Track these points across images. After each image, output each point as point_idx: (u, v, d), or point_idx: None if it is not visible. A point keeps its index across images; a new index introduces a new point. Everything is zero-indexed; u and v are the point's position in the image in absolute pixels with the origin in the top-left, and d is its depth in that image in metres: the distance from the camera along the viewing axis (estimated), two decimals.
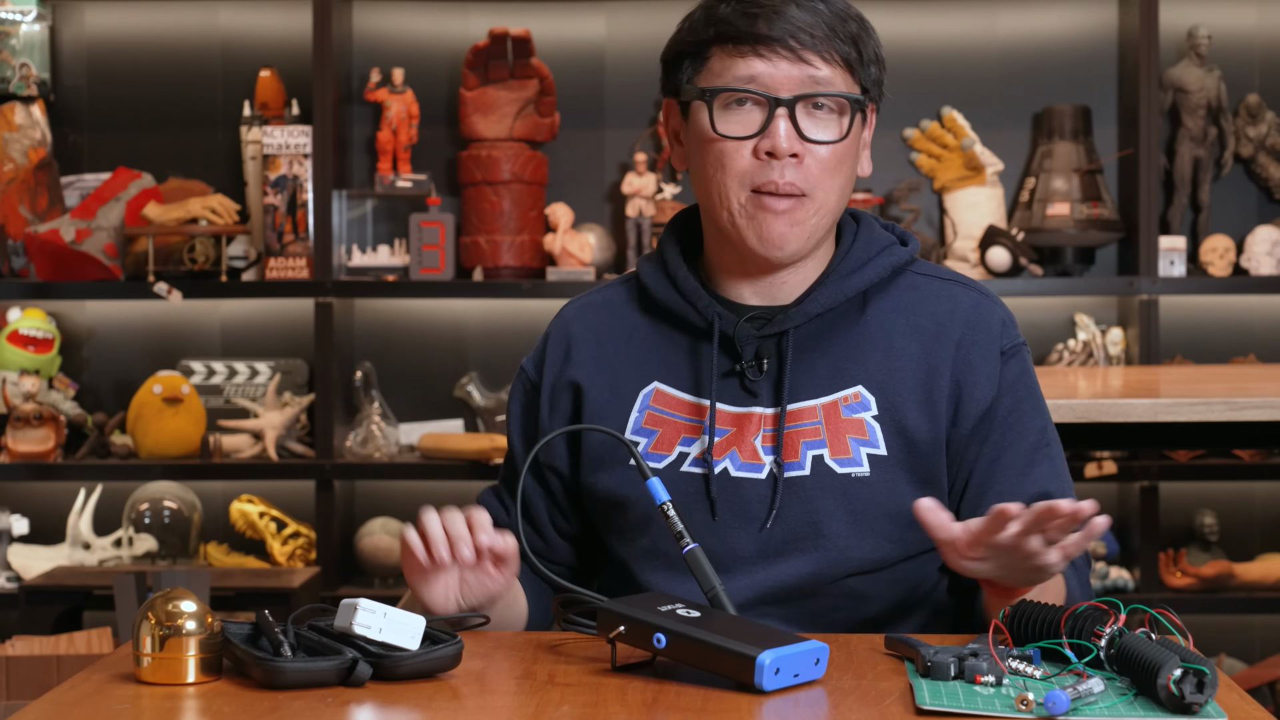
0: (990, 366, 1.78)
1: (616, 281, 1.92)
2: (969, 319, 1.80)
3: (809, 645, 1.46)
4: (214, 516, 4.38)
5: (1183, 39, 4.32)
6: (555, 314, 1.94)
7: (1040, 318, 4.38)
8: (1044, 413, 1.82)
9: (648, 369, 1.83)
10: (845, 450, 1.76)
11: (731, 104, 1.75)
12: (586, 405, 1.84)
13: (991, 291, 1.85)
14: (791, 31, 1.73)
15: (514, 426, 1.92)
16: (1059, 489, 1.78)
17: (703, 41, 1.77)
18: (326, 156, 4.18)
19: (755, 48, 1.74)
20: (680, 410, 1.80)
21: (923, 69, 4.40)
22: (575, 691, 1.46)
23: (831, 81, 1.75)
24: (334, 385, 4.24)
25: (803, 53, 1.73)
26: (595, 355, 1.86)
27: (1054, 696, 1.35)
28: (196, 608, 1.48)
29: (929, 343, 1.79)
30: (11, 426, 4.16)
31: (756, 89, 1.74)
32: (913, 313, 1.81)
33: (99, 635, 3.65)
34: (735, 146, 1.75)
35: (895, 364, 1.78)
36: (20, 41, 4.33)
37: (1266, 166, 4.35)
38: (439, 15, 4.43)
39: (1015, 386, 1.79)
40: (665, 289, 1.83)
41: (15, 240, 4.26)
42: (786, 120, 1.73)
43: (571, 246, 4.21)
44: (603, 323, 1.88)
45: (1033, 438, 1.79)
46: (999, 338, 1.80)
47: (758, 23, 1.73)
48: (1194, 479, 4.31)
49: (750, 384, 1.78)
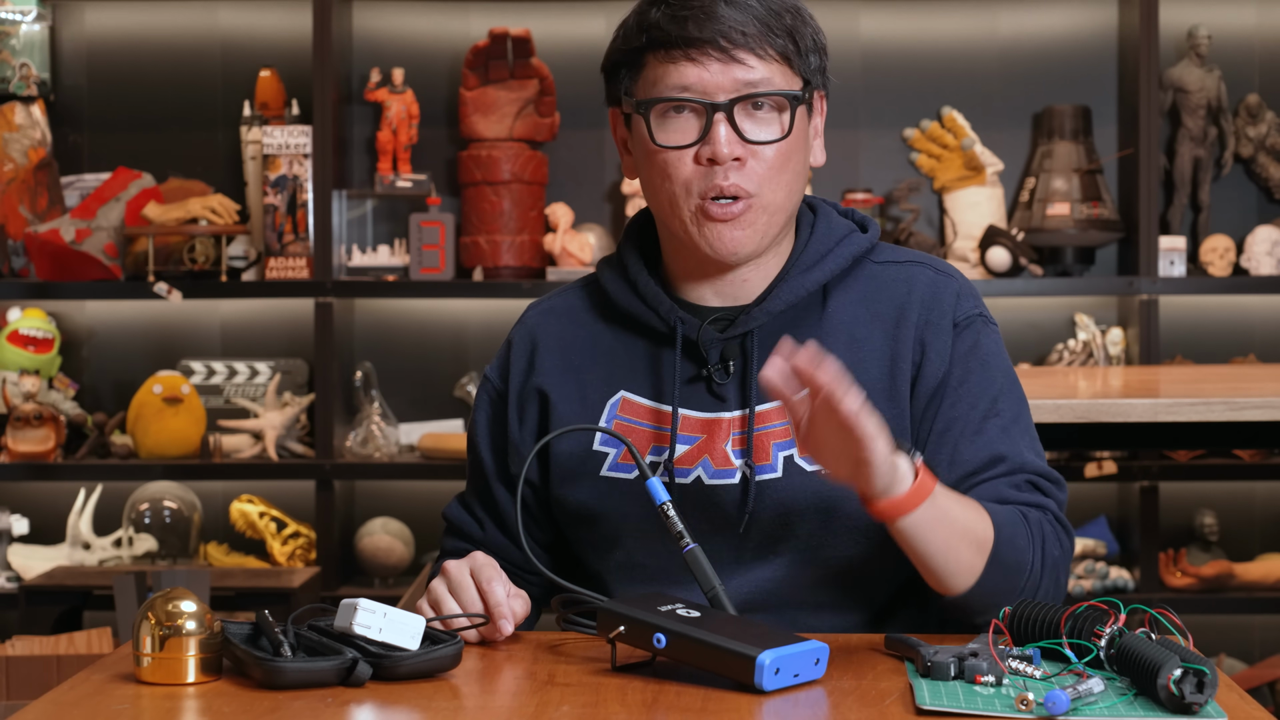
0: (943, 341, 1.76)
1: (576, 285, 1.90)
2: (925, 299, 1.78)
3: (809, 645, 1.46)
4: (214, 516, 4.38)
5: (1183, 39, 4.32)
6: (517, 319, 1.91)
7: (1040, 318, 4.38)
8: (997, 382, 1.77)
9: (614, 378, 1.81)
10: None
11: (669, 112, 1.73)
12: (554, 415, 1.82)
13: (950, 266, 1.83)
14: (722, 31, 1.70)
15: (480, 437, 1.88)
16: (1011, 450, 1.73)
17: (636, 50, 1.75)
18: (326, 156, 4.18)
19: (687, 52, 1.70)
20: (648, 419, 1.78)
21: (923, 69, 4.40)
22: (575, 691, 1.46)
23: (768, 79, 1.72)
24: (334, 385, 4.24)
25: (735, 52, 1.70)
26: (560, 364, 1.83)
27: (1054, 696, 1.35)
28: (196, 608, 1.48)
29: (890, 329, 1.77)
30: (11, 426, 4.16)
31: (691, 96, 1.71)
32: (873, 300, 1.78)
33: (99, 635, 3.65)
34: (677, 155, 1.73)
35: (859, 356, 1.76)
36: (20, 41, 4.33)
37: (1266, 166, 4.35)
38: (439, 15, 4.43)
39: (966, 358, 1.76)
40: (626, 295, 1.81)
41: (15, 240, 4.26)
42: (725, 124, 1.71)
43: (571, 246, 4.21)
44: (566, 330, 1.85)
45: (983, 405, 1.75)
46: (952, 311, 1.78)
47: (687, 25, 1.70)
48: (1194, 479, 4.31)
49: (718, 388, 1.77)
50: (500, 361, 1.88)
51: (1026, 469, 1.74)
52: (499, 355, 1.89)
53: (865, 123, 4.40)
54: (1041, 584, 1.68)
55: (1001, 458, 1.73)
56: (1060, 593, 1.72)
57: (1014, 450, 1.74)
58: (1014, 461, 1.74)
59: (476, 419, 1.89)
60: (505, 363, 1.88)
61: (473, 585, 1.64)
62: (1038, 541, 1.69)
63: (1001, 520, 1.67)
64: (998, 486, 1.72)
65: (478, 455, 1.89)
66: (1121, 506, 4.34)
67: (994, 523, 1.66)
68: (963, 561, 1.63)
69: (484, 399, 1.89)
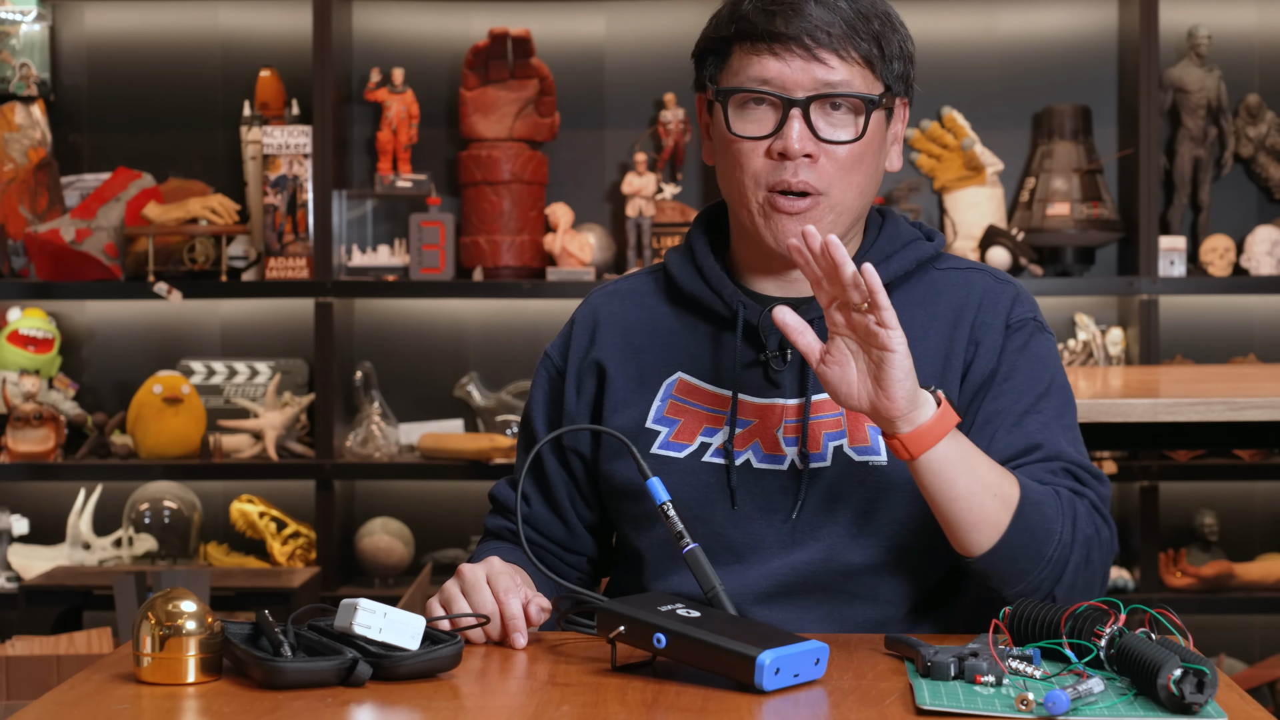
0: (994, 340, 1.79)
1: (644, 271, 1.93)
2: (981, 302, 1.81)
3: (809, 645, 1.46)
4: (214, 516, 4.38)
5: (1183, 39, 4.32)
6: (581, 301, 1.95)
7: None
8: (1043, 381, 1.78)
9: (672, 358, 1.83)
10: (864, 439, 1.76)
11: (748, 103, 1.76)
12: (609, 391, 1.85)
13: (1009, 276, 1.85)
14: (808, 30, 1.72)
15: (536, 411, 1.91)
16: (1048, 440, 1.74)
17: (724, 39, 1.78)
18: (326, 156, 4.18)
19: (771, 46, 1.73)
20: (703, 400, 1.81)
21: (923, 69, 4.33)
22: (575, 691, 1.46)
23: (848, 81, 1.74)
24: (334, 385, 4.24)
25: (818, 51, 1.73)
26: (620, 343, 1.86)
27: (1054, 696, 1.35)
28: (196, 608, 1.48)
29: (947, 330, 1.79)
30: (11, 426, 4.16)
31: (770, 89, 1.74)
32: (932, 303, 1.81)
33: (99, 635, 3.65)
34: (751, 146, 1.76)
35: (915, 352, 1.74)
36: (20, 41, 4.33)
37: (1266, 166, 4.35)
38: (439, 15, 4.43)
39: (1014, 356, 1.78)
40: (692, 278, 1.84)
41: (15, 240, 4.26)
42: (800, 121, 1.73)
43: (571, 246, 4.21)
44: (629, 310, 1.88)
45: (1026, 401, 1.76)
46: (1006, 313, 1.80)
47: (775, 20, 1.73)
48: (1194, 479, 4.31)
49: (774, 374, 1.79)
50: (562, 339, 1.91)
51: (1064, 458, 1.74)
52: (561, 333, 1.92)
53: None
54: (1072, 556, 1.67)
55: (1037, 445, 1.74)
56: (1094, 576, 1.70)
57: (1051, 440, 1.75)
58: (1050, 449, 1.74)
59: (534, 395, 1.92)
60: (567, 340, 1.91)
61: (487, 589, 1.65)
62: (1068, 514, 1.68)
63: (1030, 487, 1.67)
64: (1033, 470, 1.73)
65: (531, 430, 1.92)
66: (1121, 506, 4.34)
67: (1020, 484, 1.66)
68: (986, 512, 1.63)
69: (543, 375, 1.92)
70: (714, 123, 1.82)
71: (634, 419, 1.82)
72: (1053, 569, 1.66)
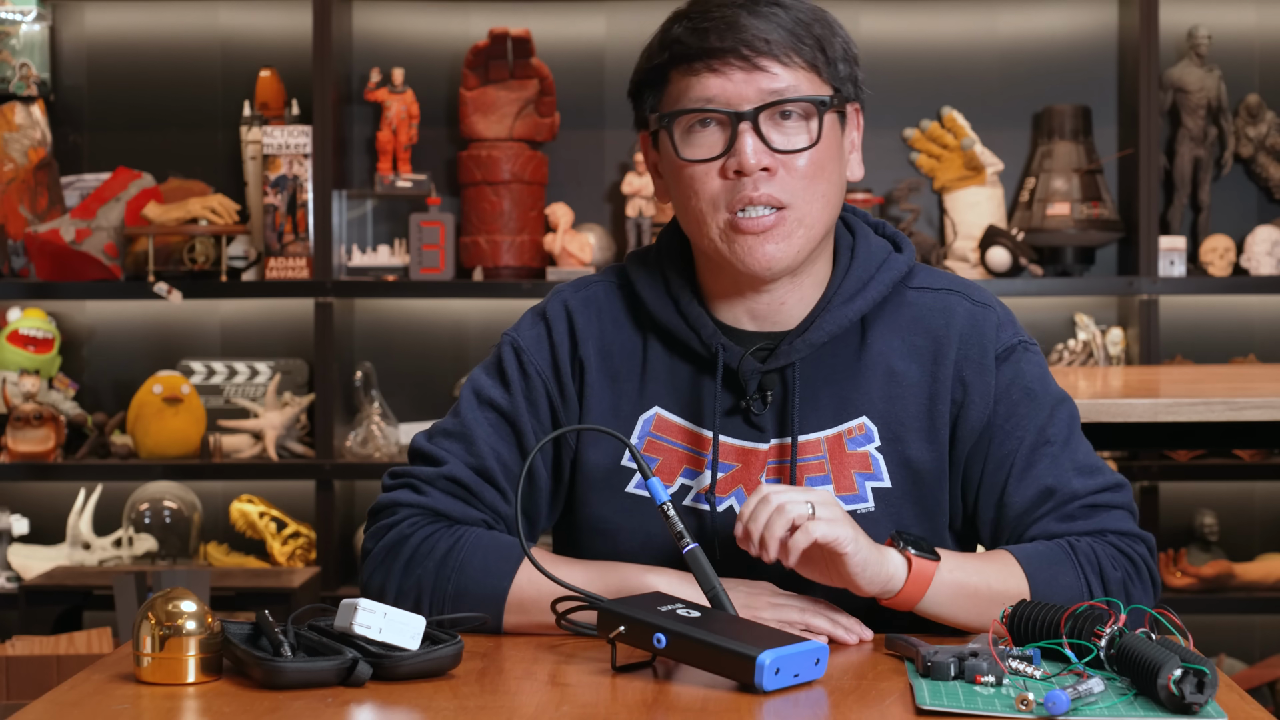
0: (985, 380, 1.73)
1: (607, 283, 1.82)
2: (964, 333, 1.74)
3: (809, 645, 1.46)
4: (214, 516, 4.38)
5: (1183, 39, 4.32)
6: (549, 298, 1.82)
7: (1040, 318, 4.38)
8: (1044, 407, 1.74)
9: (649, 390, 1.76)
10: (850, 486, 1.72)
11: (694, 126, 1.69)
12: (587, 406, 1.77)
13: (986, 293, 1.79)
14: (745, 40, 1.66)
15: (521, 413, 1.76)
16: (1058, 481, 1.72)
17: (659, 67, 1.72)
18: (326, 156, 4.18)
19: (709, 63, 1.67)
20: (681, 439, 1.75)
21: (923, 69, 4.40)
22: (575, 691, 1.46)
23: (795, 86, 1.68)
24: (334, 385, 4.24)
25: (758, 60, 1.67)
26: (598, 363, 1.78)
27: (1054, 696, 1.35)
28: (196, 608, 1.48)
29: (929, 365, 1.74)
30: (11, 426, 4.16)
31: (715, 106, 1.67)
32: (910, 331, 1.75)
33: (99, 635, 3.65)
34: (704, 169, 1.68)
35: (897, 390, 1.73)
36: (20, 41, 4.33)
37: (1266, 166, 4.35)
38: (439, 15, 4.43)
39: (1009, 390, 1.73)
40: (668, 311, 1.76)
41: (15, 240, 4.26)
42: (751, 134, 1.67)
43: (571, 246, 4.21)
44: (606, 329, 1.78)
45: (1031, 437, 1.72)
46: (993, 344, 1.74)
47: (709, 37, 1.67)
48: (1194, 479, 4.31)
49: (754, 418, 1.73)
50: (536, 337, 1.79)
51: (1077, 495, 1.72)
52: (530, 331, 1.80)
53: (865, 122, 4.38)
54: None
55: (1050, 492, 1.72)
56: (1147, 598, 1.70)
57: (1062, 481, 1.72)
58: (1063, 494, 1.72)
59: (506, 382, 1.78)
60: (547, 342, 1.79)
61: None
62: (1090, 570, 1.68)
63: (1037, 565, 1.66)
64: (1048, 524, 1.72)
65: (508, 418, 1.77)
66: None
67: (1026, 570, 1.66)
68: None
69: (513, 367, 1.78)
70: (662, 156, 1.75)
71: (609, 455, 1.76)
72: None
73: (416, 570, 1.70)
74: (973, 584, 1.64)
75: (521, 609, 1.67)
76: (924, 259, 4.18)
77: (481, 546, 1.70)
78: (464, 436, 1.77)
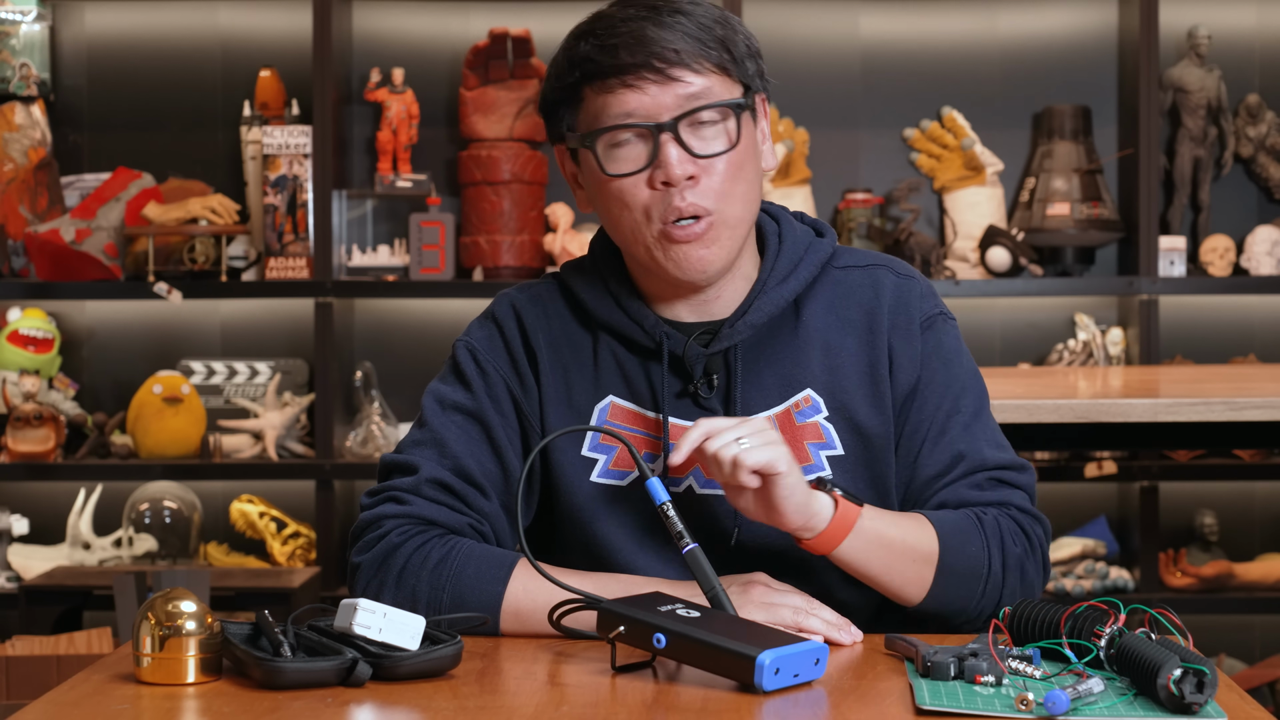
0: (913, 346, 1.79)
1: (548, 286, 1.85)
2: (892, 304, 1.80)
3: (809, 645, 1.46)
4: (214, 516, 4.38)
5: (1183, 39, 4.32)
6: (494, 300, 1.85)
7: (1040, 318, 4.38)
8: (959, 379, 1.80)
9: (601, 380, 1.79)
10: (806, 457, 1.76)
11: (616, 142, 1.72)
12: (545, 406, 1.79)
13: (909, 266, 1.85)
14: (655, 53, 1.69)
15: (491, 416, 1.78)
16: (970, 448, 1.77)
17: (571, 85, 1.74)
18: (326, 156, 4.18)
19: (623, 79, 1.70)
20: (637, 424, 1.78)
21: (923, 69, 4.40)
22: (575, 691, 1.46)
23: (709, 90, 1.71)
24: (334, 385, 4.24)
25: (671, 71, 1.69)
26: (549, 356, 1.80)
27: (1054, 696, 1.35)
28: (196, 608, 1.48)
29: (863, 335, 1.79)
30: (11, 426, 4.16)
31: (635, 120, 1.70)
32: (841, 307, 1.81)
33: (99, 635, 3.65)
34: (631, 183, 1.72)
35: (836, 361, 1.79)
36: (20, 41, 4.33)
37: (1266, 166, 4.35)
38: (439, 15, 4.43)
39: (931, 358, 1.80)
40: (608, 308, 1.80)
41: (15, 240, 4.27)
42: (673, 144, 1.70)
43: (571, 246, 4.21)
44: (552, 324, 1.82)
45: (946, 405, 1.79)
46: (918, 313, 1.81)
47: (619, 53, 1.69)
48: (1194, 479, 4.31)
49: (704, 402, 1.77)
50: (488, 337, 1.82)
51: (987, 465, 1.78)
52: (485, 334, 1.82)
53: (865, 123, 4.40)
54: (1005, 583, 1.73)
55: (961, 457, 1.77)
56: (1030, 589, 1.75)
57: (974, 448, 1.78)
58: (973, 460, 1.78)
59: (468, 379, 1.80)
60: (500, 339, 1.81)
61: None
62: (994, 543, 1.73)
63: (949, 529, 1.72)
64: (958, 490, 1.77)
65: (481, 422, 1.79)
66: (1121, 506, 4.34)
67: (939, 533, 1.71)
68: (908, 576, 1.69)
69: (470, 363, 1.81)
70: (583, 170, 1.77)
71: (572, 446, 1.78)
72: (988, 599, 1.72)
73: (410, 581, 1.70)
74: (890, 536, 1.68)
75: (518, 617, 1.68)
76: (924, 259, 4.19)
77: (475, 556, 1.70)
78: (435, 442, 1.79)
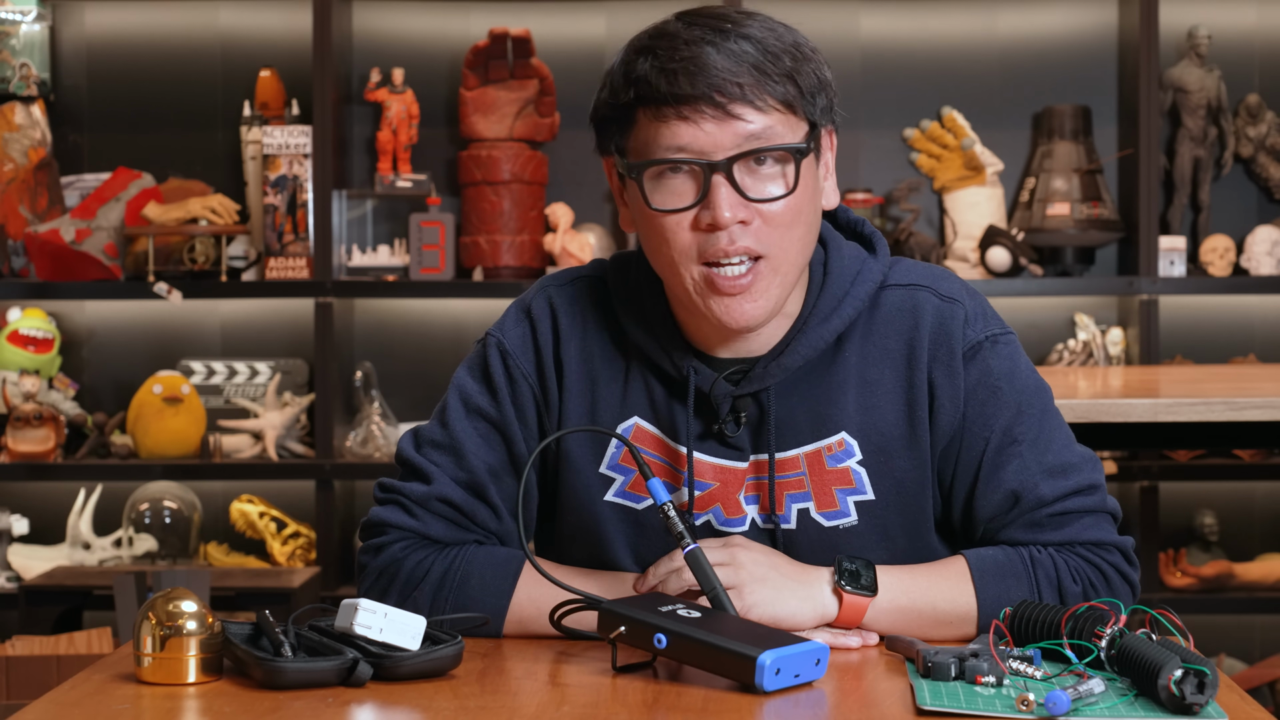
0: (955, 383, 1.69)
1: (594, 283, 1.76)
2: (934, 332, 1.69)
3: (810, 646, 1.46)
4: (214, 516, 4.38)
5: (1183, 39, 4.32)
6: (534, 291, 1.76)
7: (1040, 318, 4.38)
8: (1011, 405, 1.69)
9: (629, 399, 1.72)
10: (831, 503, 1.69)
11: (664, 174, 1.61)
12: (565, 410, 1.73)
13: (956, 285, 1.73)
14: (716, 85, 1.57)
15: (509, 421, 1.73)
16: (1026, 484, 1.67)
17: (625, 105, 1.63)
18: (326, 156, 4.18)
19: (679, 110, 1.58)
20: (659, 451, 1.71)
21: (923, 69, 4.40)
22: (575, 691, 1.46)
23: (770, 130, 1.59)
24: (334, 385, 4.24)
25: (731, 107, 1.58)
26: (578, 367, 1.74)
27: (1055, 697, 1.35)
28: (196, 608, 1.48)
29: (902, 368, 1.69)
30: (11, 426, 4.16)
31: (686, 156, 1.59)
32: (881, 334, 1.70)
33: (99, 635, 3.65)
34: (676, 220, 1.61)
35: (874, 400, 1.69)
36: (20, 41, 4.33)
37: (1266, 166, 4.35)
38: (439, 15, 4.43)
39: (976, 390, 1.69)
40: (640, 333, 1.71)
41: (15, 240, 4.26)
42: (725, 185, 1.59)
43: (571, 246, 4.21)
44: (589, 330, 1.74)
45: (997, 439, 1.69)
46: (960, 342, 1.69)
47: (678, 80, 1.58)
48: (1194, 479, 4.31)
49: (731, 440, 1.70)
50: (521, 337, 1.75)
51: (1044, 501, 1.68)
52: (519, 335, 1.75)
53: (865, 123, 4.40)
54: None
55: (1016, 498, 1.68)
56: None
57: (1028, 485, 1.68)
58: (1029, 499, 1.68)
59: (496, 386, 1.74)
60: (532, 344, 1.75)
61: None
62: (1046, 585, 1.65)
63: (990, 578, 1.65)
64: (1013, 533, 1.69)
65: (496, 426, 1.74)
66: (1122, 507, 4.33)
67: (977, 584, 1.65)
68: (945, 635, 1.64)
69: (499, 367, 1.74)
70: (628, 191, 1.67)
71: (588, 462, 1.73)
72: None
73: (413, 594, 1.69)
74: (915, 607, 1.63)
75: (522, 624, 1.67)
76: (924, 259, 4.18)
77: (478, 564, 1.69)
78: (453, 449, 1.75)
